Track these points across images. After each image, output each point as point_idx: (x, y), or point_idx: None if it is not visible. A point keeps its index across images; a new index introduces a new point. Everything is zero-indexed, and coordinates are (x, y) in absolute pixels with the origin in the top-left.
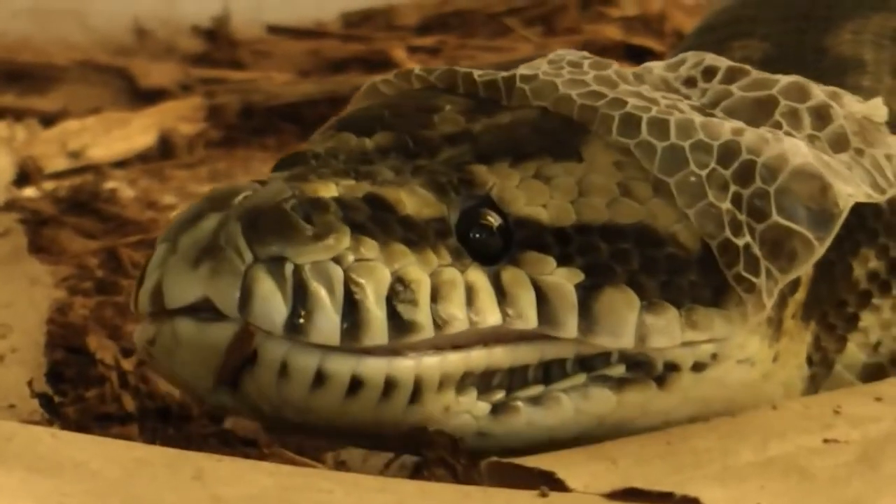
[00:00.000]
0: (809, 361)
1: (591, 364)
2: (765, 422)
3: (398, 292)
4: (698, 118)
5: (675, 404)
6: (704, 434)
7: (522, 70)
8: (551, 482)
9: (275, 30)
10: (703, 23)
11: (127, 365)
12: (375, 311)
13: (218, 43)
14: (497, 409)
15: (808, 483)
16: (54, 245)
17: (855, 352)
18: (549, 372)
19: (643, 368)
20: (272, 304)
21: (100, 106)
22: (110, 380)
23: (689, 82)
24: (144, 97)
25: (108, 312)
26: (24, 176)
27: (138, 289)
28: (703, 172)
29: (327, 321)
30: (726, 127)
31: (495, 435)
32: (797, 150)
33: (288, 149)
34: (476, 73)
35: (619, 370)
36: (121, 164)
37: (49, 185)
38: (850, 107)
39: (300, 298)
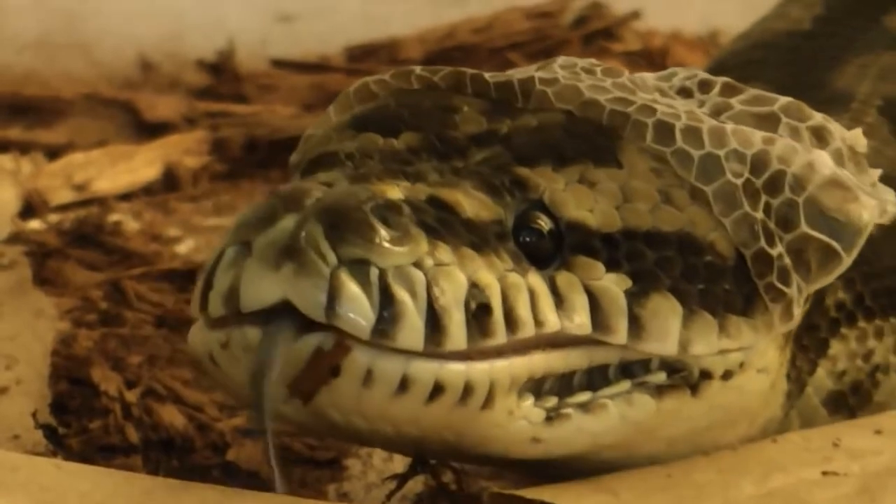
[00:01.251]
0: (788, 377)
1: (632, 371)
2: (765, 455)
3: (474, 297)
4: (729, 125)
5: (702, 411)
6: (705, 467)
7: (540, 73)
8: None
9: (279, 64)
10: (714, 63)
11: (130, 396)
12: (457, 317)
13: (223, 77)
14: (551, 415)
15: None
16: (59, 277)
17: (823, 377)
18: (592, 378)
19: (681, 376)
20: (360, 308)
21: (105, 139)
22: (114, 411)
23: (684, 92)
24: (149, 130)
25: (112, 344)
26: (30, 208)
27: (205, 291)
28: (739, 181)
29: (413, 327)
30: (757, 136)
31: (546, 441)
32: (824, 160)
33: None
34: (487, 75)
35: (660, 377)
36: (126, 196)
37: (54, 218)
38: (839, 132)
39: (386, 303)
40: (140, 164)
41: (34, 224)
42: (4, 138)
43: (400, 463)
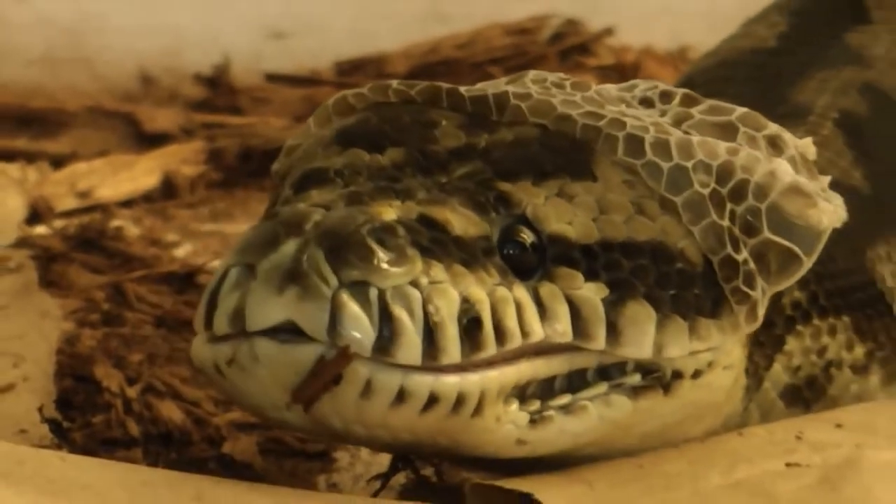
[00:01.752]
0: (746, 372)
1: (609, 373)
2: (732, 447)
3: (466, 312)
4: (695, 137)
5: (673, 409)
6: (675, 458)
7: (513, 88)
8: (530, 503)
9: (272, 78)
10: (683, 79)
11: (131, 392)
12: (451, 332)
13: (219, 90)
14: (534, 418)
15: None
16: (63, 280)
17: (779, 371)
18: (572, 381)
19: (655, 376)
20: (361, 327)
21: (107, 149)
22: (116, 406)
23: (646, 102)
24: (149, 141)
25: (114, 343)
26: (36, 215)
27: (209, 310)
28: (706, 191)
29: (411, 343)
30: (722, 147)
31: (531, 442)
32: (785, 169)
33: None
34: (462, 89)
35: (635, 379)
36: (126, 203)
37: (59, 224)
38: (792, 141)
39: (385, 322)
40: (140, 173)
41: (40, 229)
42: (12, 148)
43: (386, 456)
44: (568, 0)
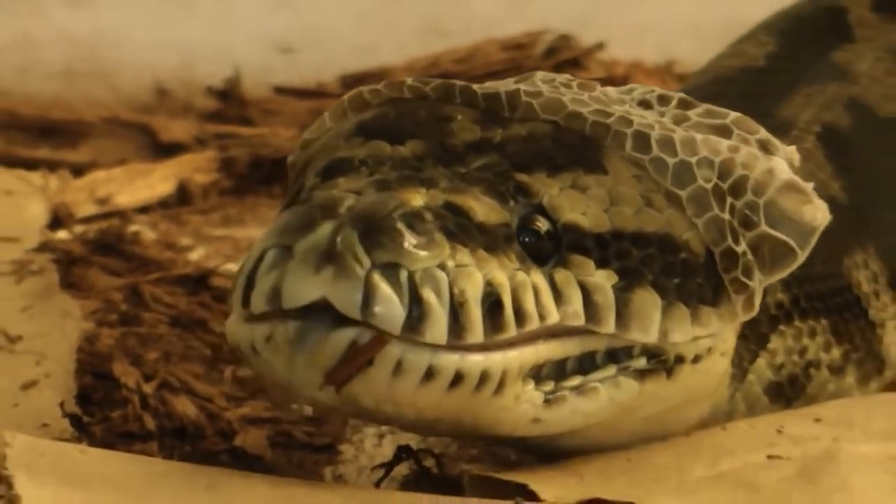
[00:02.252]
0: (731, 362)
1: (617, 356)
2: (716, 440)
3: (489, 295)
4: (698, 135)
5: (674, 392)
6: (662, 451)
7: (524, 86)
8: (525, 494)
9: (281, 90)
10: None
11: (148, 389)
12: (475, 313)
13: (230, 102)
14: (549, 398)
15: (755, 496)
16: (83, 282)
17: (764, 368)
18: (582, 363)
19: (659, 360)
20: (392, 307)
21: (125, 158)
22: (133, 402)
23: (644, 104)
24: (164, 150)
25: (131, 342)
26: (57, 220)
27: (247, 289)
28: (709, 186)
29: (438, 323)
30: (723, 144)
31: (546, 421)
32: (782, 167)
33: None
34: (474, 86)
35: (641, 362)
36: (143, 209)
37: (79, 229)
38: (782, 146)
39: (415, 302)
40: (156, 181)
41: (61, 234)
42: (34, 157)
43: (388, 448)
44: (561, 16)
